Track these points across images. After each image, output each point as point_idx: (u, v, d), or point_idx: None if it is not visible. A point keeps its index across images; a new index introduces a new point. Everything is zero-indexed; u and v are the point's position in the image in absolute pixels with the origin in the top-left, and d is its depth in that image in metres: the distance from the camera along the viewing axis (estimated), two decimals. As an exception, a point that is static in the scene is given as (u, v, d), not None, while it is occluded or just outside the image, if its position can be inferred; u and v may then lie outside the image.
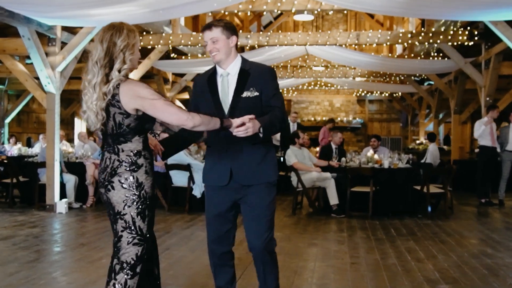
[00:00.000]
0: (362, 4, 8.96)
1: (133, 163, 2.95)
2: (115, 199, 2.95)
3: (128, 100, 2.87)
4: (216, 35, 3.37)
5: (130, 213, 2.94)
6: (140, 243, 2.98)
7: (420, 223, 8.35)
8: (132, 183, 2.93)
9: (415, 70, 14.34)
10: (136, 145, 2.98)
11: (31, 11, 8.23)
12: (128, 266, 2.94)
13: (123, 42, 2.90)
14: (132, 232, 2.96)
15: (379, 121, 24.77)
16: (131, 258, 2.95)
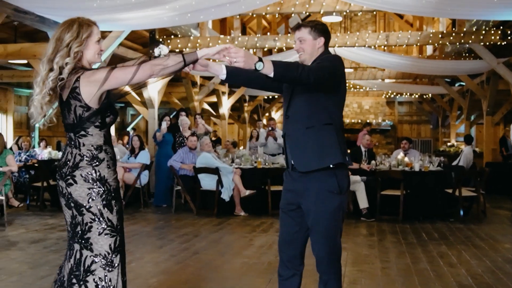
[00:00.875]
0: (391, 5, 8.84)
1: (94, 157, 2.92)
2: (77, 193, 2.90)
3: (88, 90, 2.84)
4: (303, 35, 3.36)
5: (96, 206, 2.89)
6: (112, 234, 2.93)
7: (452, 227, 8.18)
8: (94, 177, 2.90)
9: (446, 71, 14.10)
10: (97, 139, 2.93)
11: (61, 15, 8.32)
12: (104, 259, 2.89)
13: (70, 37, 2.91)
14: (101, 223, 2.90)
15: (409, 123, 24.46)
16: (104, 250, 2.89)
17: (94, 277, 2.88)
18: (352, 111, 24.05)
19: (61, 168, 3.00)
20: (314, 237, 3.28)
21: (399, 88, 19.45)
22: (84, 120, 2.89)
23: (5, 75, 14.01)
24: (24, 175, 11.09)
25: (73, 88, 2.86)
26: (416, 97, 22.18)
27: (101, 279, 2.88)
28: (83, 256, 2.92)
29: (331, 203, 3.22)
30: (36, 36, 11.52)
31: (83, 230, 2.92)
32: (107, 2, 7.47)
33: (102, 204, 2.91)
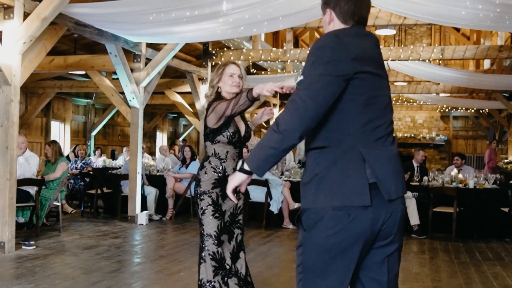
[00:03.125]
0: (447, 18, 8.67)
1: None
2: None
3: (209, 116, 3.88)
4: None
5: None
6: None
7: (508, 247, 7.91)
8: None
9: (504, 86, 13.69)
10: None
11: (119, 29, 8.58)
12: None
13: (214, 75, 3.95)
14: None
15: (464, 138, 23.85)
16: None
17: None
18: (405, 125, 23.65)
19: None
20: None
21: (454, 102, 19.02)
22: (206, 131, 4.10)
23: (64, 85, 14.52)
24: (79, 183, 11.42)
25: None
26: (472, 111, 21.62)
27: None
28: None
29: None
30: (94, 48, 11.90)
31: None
32: (163, 16, 7.64)
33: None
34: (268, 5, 7.73)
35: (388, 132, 2.33)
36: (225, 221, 3.91)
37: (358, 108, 2.23)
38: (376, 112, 2.28)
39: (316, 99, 2.14)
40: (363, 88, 2.23)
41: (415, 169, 9.87)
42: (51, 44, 7.54)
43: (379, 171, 2.21)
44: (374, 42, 2.40)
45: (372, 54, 2.33)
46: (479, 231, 8.68)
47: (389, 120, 2.35)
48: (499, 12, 7.27)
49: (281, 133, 2.17)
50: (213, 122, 3.82)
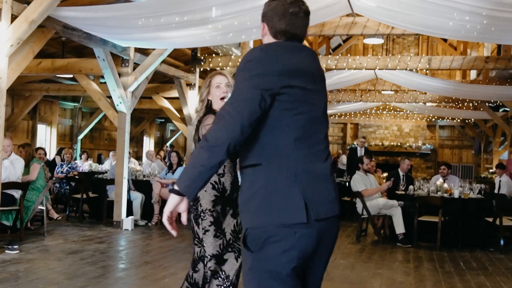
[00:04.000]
0: (434, 29, 8.76)
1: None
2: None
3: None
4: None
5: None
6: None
7: (492, 257, 7.96)
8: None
9: (490, 96, 13.84)
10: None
11: (107, 33, 8.55)
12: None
13: (202, 89, 3.87)
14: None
15: (450, 148, 24.02)
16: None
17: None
18: (391, 134, 23.77)
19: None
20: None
21: (440, 112, 19.18)
22: None
23: (51, 88, 14.44)
24: (65, 187, 11.34)
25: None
26: (458, 121, 21.80)
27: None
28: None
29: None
30: (83, 52, 11.86)
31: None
32: (152, 21, 7.63)
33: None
34: (258, 12, 7.68)
35: (321, 149, 2.29)
36: (227, 239, 3.62)
37: (288, 124, 2.19)
38: (307, 128, 2.23)
39: (242, 112, 2.10)
40: (292, 104, 2.19)
41: (400, 178, 9.92)
42: (39, 47, 7.50)
43: (308, 189, 2.18)
44: (310, 56, 2.37)
45: (305, 68, 2.28)
46: (463, 241, 8.74)
47: (321, 136, 2.30)
48: (485, 24, 7.35)
49: (209, 150, 2.11)
50: None
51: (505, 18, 7.06)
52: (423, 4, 7.24)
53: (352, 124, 24.60)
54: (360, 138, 14.41)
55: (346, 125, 24.71)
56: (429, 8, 7.39)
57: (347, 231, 10.11)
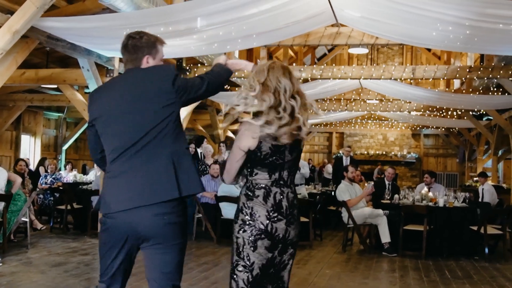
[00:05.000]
0: (418, 39, 8.84)
1: None
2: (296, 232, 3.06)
3: None
4: None
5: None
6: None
7: (477, 265, 8.00)
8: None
9: (474, 105, 13.97)
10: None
11: (92, 43, 8.51)
12: None
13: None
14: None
15: (434, 156, 24.19)
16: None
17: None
18: (377, 143, 23.90)
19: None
20: None
21: (425, 121, 19.32)
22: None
23: (35, 98, 14.33)
24: (49, 198, 11.23)
25: None
26: (442, 130, 21.96)
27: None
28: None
29: None
30: (67, 62, 11.79)
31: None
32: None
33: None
34: (242, 22, 7.77)
35: (113, 158, 2.92)
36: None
37: (100, 140, 3.02)
38: (105, 144, 2.99)
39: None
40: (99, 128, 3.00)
41: (386, 187, 9.96)
42: (22, 57, 7.45)
43: (104, 188, 2.97)
44: (131, 79, 3.04)
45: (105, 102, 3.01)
46: (448, 249, 8.78)
47: (110, 149, 2.95)
48: (468, 34, 7.43)
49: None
50: None
51: (487, 28, 7.15)
52: (406, 15, 7.30)
53: (338, 133, 24.70)
54: (346, 147, 14.46)
55: (332, 134, 24.80)
56: (413, 19, 7.45)
57: (333, 241, 10.12)
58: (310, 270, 7.27)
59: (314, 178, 18.97)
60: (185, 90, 2.98)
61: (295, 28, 8.82)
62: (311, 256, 8.33)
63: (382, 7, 7.27)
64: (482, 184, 11.75)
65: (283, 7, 7.38)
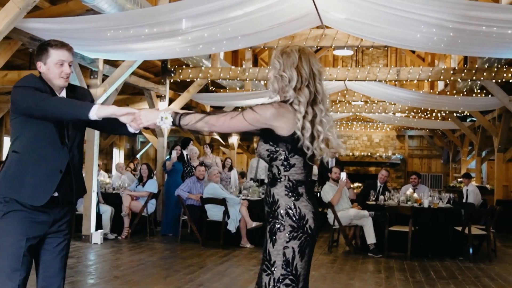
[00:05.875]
0: (402, 41, 8.89)
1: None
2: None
3: None
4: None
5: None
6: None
7: (462, 266, 8.05)
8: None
9: (458, 107, 14.08)
10: None
11: (76, 45, 8.43)
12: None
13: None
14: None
15: (419, 157, 24.33)
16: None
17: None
18: (362, 144, 23.99)
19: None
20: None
21: (409, 122, 19.43)
22: None
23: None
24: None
25: None
26: (427, 131, 22.10)
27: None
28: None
29: None
30: (50, 63, 11.66)
31: None
32: (121, 32, 7.57)
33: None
34: (227, 24, 7.76)
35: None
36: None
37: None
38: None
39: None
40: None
41: (377, 189, 10.01)
42: (5, 59, 7.37)
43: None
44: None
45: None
46: (433, 250, 8.82)
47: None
48: (452, 36, 7.49)
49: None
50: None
51: (470, 30, 7.21)
52: (391, 17, 7.35)
53: (323, 134, 24.70)
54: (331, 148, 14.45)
55: (317, 135, 24.79)
56: (397, 21, 7.50)
57: (318, 242, 10.10)
58: (296, 271, 7.25)
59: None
60: (11, 103, 3.16)
61: (280, 30, 8.83)
62: (296, 258, 8.31)
63: (366, 9, 7.31)
64: (467, 185, 11.84)
65: (268, 9, 7.39)
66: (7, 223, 3.07)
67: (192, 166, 10.90)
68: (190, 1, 7.34)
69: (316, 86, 2.77)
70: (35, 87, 3.10)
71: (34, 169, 3.08)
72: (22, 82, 3.13)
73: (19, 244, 3.06)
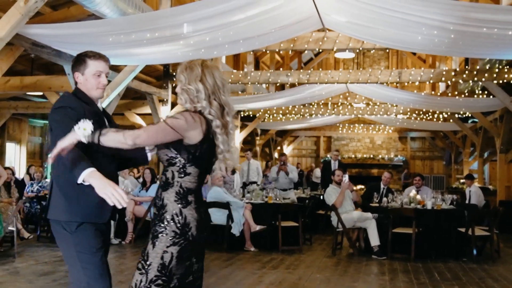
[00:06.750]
0: (404, 43, 8.91)
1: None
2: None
3: None
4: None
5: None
6: None
7: (465, 267, 8.04)
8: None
9: (459, 108, 14.08)
10: None
11: (78, 50, 8.45)
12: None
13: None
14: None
15: (421, 159, 24.34)
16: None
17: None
18: (364, 146, 24.00)
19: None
20: None
21: (411, 124, 19.44)
22: None
23: (20, 106, 14.20)
24: (35, 206, 11.12)
25: None
26: (429, 132, 22.10)
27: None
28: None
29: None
30: (52, 68, 11.71)
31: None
32: (122, 37, 7.59)
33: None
34: (229, 28, 7.78)
35: None
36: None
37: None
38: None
39: None
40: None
41: (380, 191, 10.01)
42: (7, 65, 7.40)
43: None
44: None
45: None
46: (437, 252, 8.81)
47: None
48: (453, 38, 7.50)
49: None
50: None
51: (471, 32, 7.22)
52: (392, 19, 7.36)
53: (325, 137, 24.77)
54: (334, 151, 14.49)
55: (319, 138, 24.87)
56: (398, 23, 7.51)
57: (322, 245, 10.12)
58: (300, 274, 7.26)
59: (302, 182, 19.00)
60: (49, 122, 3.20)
61: (282, 33, 8.85)
62: (300, 261, 8.33)
63: (368, 12, 7.32)
64: (469, 186, 11.83)
65: (269, 12, 7.40)
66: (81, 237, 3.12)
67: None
68: (191, 6, 7.37)
69: (221, 98, 2.89)
70: (71, 106, 3.12)
71: (89, 187, 2.90)
72: (59, 103, 3.15)
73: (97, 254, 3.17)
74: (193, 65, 2.91)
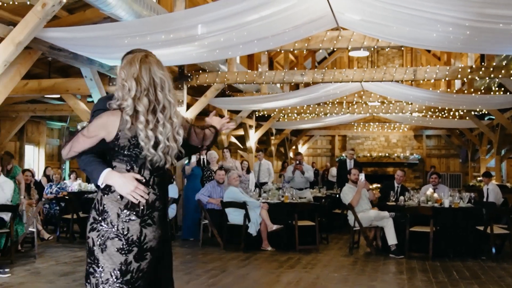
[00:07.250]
0: (419, 41, 8.86)
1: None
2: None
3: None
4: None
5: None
6: None
7: (484, 265, 7.99)
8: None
9: (475, 105, 13.98)
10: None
11: (94, 53, 8.56)
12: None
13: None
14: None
15: (437, 157, 24.18)
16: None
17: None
18: (379, 145, 23.90)
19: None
20: None
21: (427, 122, 19.32)
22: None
23: (38, 108, 14.37)
24: (54, 207, 11.25)
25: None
26: (444, 130, 21.94)
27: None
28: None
29: None
30: (69, 71, 11.83)
31: None
32: (138, 39, 7.65)
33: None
34: (243, 28, 7.80)
35: None
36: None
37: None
38: None
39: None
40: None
41: (395, 189, 9.98)
42: (26, 68, 7.48)
43: None
44: None
45: None
46: (455, 250, 8.76)
47: None
48: (469, 34, 7.46)
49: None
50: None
51: (487, 28, 7.17)
52: (406, 17, 7.33)
53: (340, 136, 24.71)
54: (349, 150, 14.44)
55: (334, 137, 24.81)
56: (413, 21, 7.48)
57: (339, 244, 10.11)
58: (318, 274, 7.27)
59: (318, 181, 18.98)
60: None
61: (296, 33, 8.86)
62: (318, 260, 8.33)
63: (382, 10, 7.30)
64: (487, 184, 11.74)
65: (283, 12, 7.41)
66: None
67: (212, 170, 10.95)
68: (205, 7, 7.42)
69: (156, 94, 2.83)
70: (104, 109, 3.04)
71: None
72: (96, 106, 3.12)
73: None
74: (132, 61, 2.86)
